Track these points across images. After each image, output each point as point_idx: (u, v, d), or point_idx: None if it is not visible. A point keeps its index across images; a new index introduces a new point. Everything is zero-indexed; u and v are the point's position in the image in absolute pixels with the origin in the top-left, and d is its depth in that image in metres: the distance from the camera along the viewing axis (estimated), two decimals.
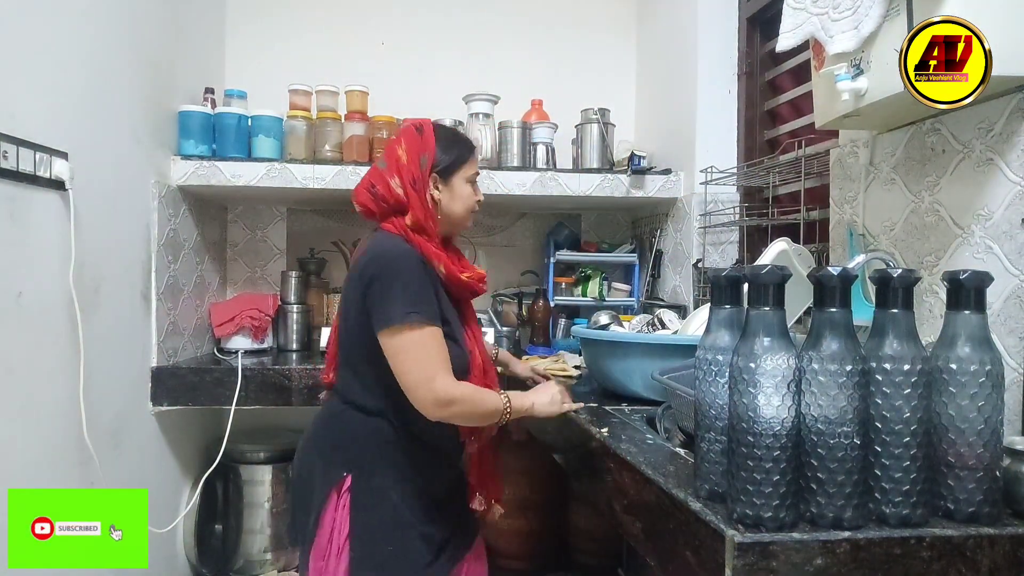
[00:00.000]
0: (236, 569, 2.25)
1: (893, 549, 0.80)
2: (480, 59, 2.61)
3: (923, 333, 1.27)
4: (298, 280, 2.35)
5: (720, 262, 2.11)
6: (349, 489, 1.23)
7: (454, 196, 1.33)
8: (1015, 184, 1.09)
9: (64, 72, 1.47)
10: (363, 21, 2.60)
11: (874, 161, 1.42)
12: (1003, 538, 0.83)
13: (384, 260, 1.21)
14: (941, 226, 1.23)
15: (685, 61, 2.26)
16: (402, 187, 1.27)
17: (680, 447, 1.20)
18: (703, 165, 2.09)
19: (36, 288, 1.37)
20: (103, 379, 1.61)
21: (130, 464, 1.77)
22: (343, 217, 2.62)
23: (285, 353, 2.28)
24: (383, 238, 1.28)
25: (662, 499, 0.99)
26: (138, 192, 1.85)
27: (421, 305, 1.19)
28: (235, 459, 2.23)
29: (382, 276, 1.20)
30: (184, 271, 2.12)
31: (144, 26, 1.84)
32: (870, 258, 1.30)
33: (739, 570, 0.78)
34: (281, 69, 2.40)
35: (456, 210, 1.33)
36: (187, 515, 2.09)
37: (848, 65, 1.16)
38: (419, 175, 1.28)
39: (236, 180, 2.07)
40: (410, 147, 1.30)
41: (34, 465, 1.37)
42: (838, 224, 1.54)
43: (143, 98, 1.86)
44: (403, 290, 1.18)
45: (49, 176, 1.39)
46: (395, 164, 1.29)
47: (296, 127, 2.17)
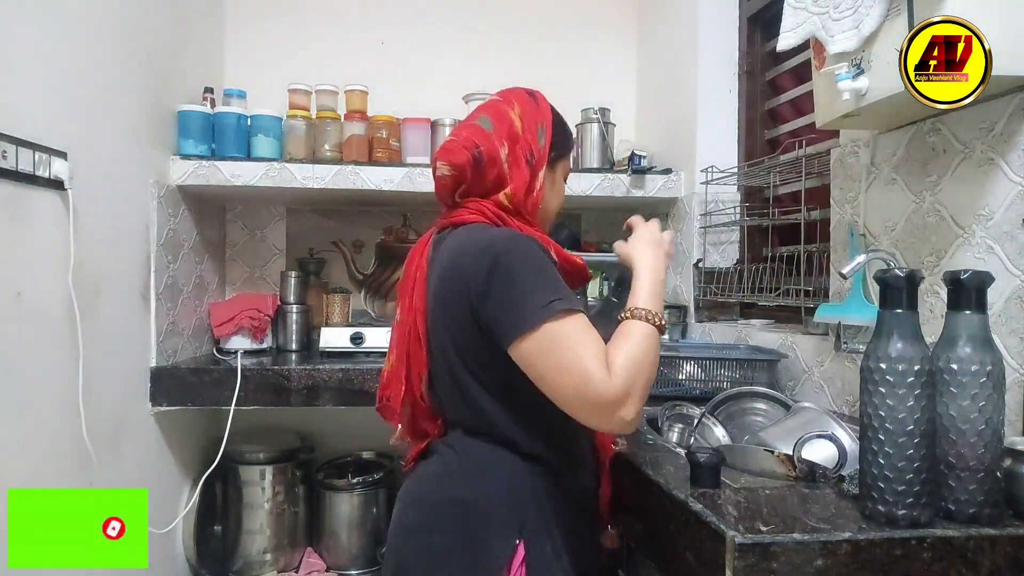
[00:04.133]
0: (235, 570, 2.25)
1: (894, 550, 0.80)
2: (480, 59, 2.61)
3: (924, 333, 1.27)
4: (297, 280, 2.35)
5: (720, 262, 2.11)
6: (524, 562, 0.92)
7: (554, 186, 1.10)
8: (1016, 184, 1.09)
9: (63, 72, 1.47)
10: (363, 21, 2.60)
11: (875, 161, 1.42)
12: (1004, 539, 0.83)
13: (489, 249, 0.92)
14: (942, 226, 1.23)
15: (685, 60, 2.25)
16: (509, 159, 1.02)
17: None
18: (703, 165, 2.09)
19: (35, 288, 1.36)
20: (102, 379, 1.61)
21: (129, 464, 1.77)
22: (343, 217, 2.61)
23: (284, 353, 2.28)
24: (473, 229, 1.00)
25: (662, 499, 0.99)
26: (137, 192, 1.84)
27: (559, 290, 0.91)
28: (234, 460, 2.23)
29: (498, 267, 0.90)
30: (183, 271, 2.12)
31: (143, 26, 1.84)
32: (871, 258, 1.30)
33: (740, 571, 0.78)
34: (281, 69, 2.40)
35: (551, 206, 1.10)
36: (186, 516, 2.09)
37: (849, 65, 1.16)
38: (538, 150, 1.04)
39: (235, 180, 2.06)
40: (526, 113, 1.05)
41: (33, 465, 1.37)
42: (839, 224, 1.54)
43: (142, 98, 1.85)
44: (535, 278, 0.91)
45: (48, 176, 1.39)
46: (506, 130, 1.03)
47: (296, 127, 2.17)
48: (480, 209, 1.02)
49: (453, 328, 0.96)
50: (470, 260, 0.94)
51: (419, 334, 1.01)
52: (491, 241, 0.94)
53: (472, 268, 0.93)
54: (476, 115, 1.08)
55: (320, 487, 2.36)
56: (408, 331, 1.03)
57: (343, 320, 2.35)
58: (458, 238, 1.01)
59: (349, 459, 2.50)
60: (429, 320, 1.01)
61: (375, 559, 2.29)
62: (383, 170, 2.13)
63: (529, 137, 1.03)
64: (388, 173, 2.13)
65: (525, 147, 1.03)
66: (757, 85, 2.12)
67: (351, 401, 1.93)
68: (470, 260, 0.94)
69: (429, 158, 2.19)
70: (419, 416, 1.07)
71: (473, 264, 0.93)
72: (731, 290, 1.96)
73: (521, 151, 1.02)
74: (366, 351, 2.12)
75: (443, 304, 0.98)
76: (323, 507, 2.35)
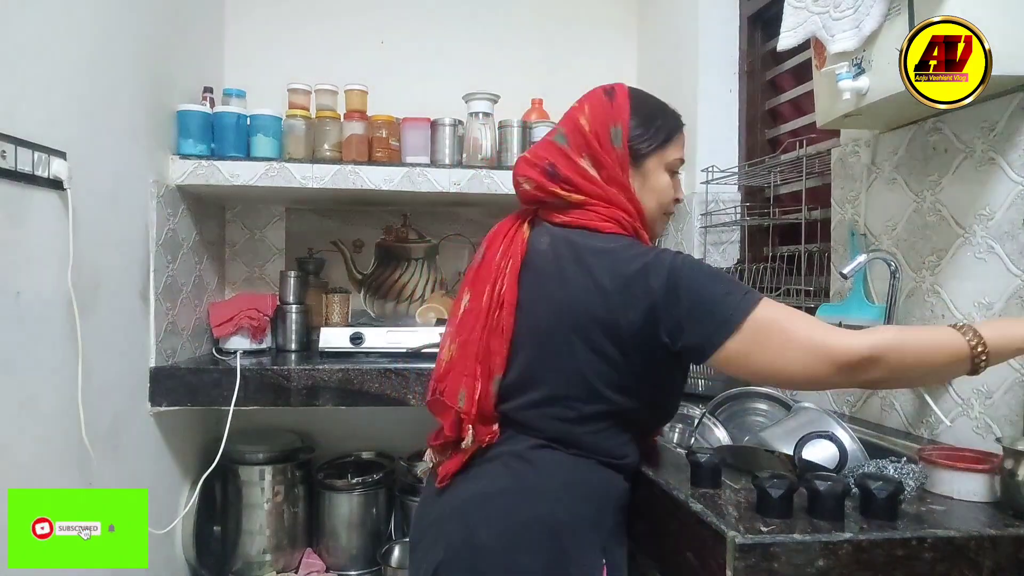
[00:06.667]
0: (235, 570, 2.25)
1: (895, 550, 0.80)
2: (480, 58, 2.61)
3: None
4: (297, 280, 2.35)
5: (721, 262, 2.11)
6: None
7: (646, 185, 1.01)
8: (1016, 184, 1.09)
9: (62, 71, 1.47)
10: (363, 20, 2.60)
11: (875, 160, 1.42)
12: (1006, 539, 0.82)
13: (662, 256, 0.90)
14: (943, 226, 1.23)
15: (686, 60, 2.25)
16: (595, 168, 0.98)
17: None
18: (704, 164, 2.09)
19: (34, 288, 1.36)
20: (101, 379, 1.60)
21: (128, 464, 1.76)
22: (342, 217, 2.61)
23: (284, 353, 2.27)
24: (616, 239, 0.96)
25: (663, 500, 0.98)
26: (136, 191, 1.84)
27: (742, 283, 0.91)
28: (234, 460, 2.23)
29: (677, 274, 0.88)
30: (182, 271, 2.11)
31: (143, 25, 1.84)
32: (871, 258, 1.30)
33: (740, 571, 0.78)
34: (280, 68, 2.39)
35: (649, 207, 1.02)
36: (186, 516, 2.09)
37: (849, 64, 1.16)
38: (612, 154, 0.98)
39: (235, 179, 2.06)
40: (595, 116, 0.99)
41: (33, 465, 1.36)
42: (839, 224, 1.54)
43: (141, 97, 1.85)
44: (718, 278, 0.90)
45: (47, 176, 1.39)
46: (580, 139, 0.99)
47: (295, 126, 2.17)
48: (615, 218, 0.97)
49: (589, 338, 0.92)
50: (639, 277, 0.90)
51: (502, 328, 0.95)
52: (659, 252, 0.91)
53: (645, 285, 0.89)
54: (555, 130, 1.04)
55: (320, 487, 2.36)
56: (484, 324, 0.96)
57: (343, 320, 2.35)
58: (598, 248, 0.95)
59: (349, 459, 2.50)
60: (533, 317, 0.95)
61: (375, 559, 2.29)
62: (383, 170, 2.13)
63: (599, 143, 0.98)
64: (388, 173, 2.12)
65: (598, 153, 0.98)
66: (757, 85, 2.11)
67: (351, 401, 1.92)
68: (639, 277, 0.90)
69: (429, 158, 2.19)
70: (478, 419, 0.97)
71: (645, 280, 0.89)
72: None
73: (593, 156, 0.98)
74: (366, 351, 2.12)
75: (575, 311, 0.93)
76: (323, 507, 2.34)
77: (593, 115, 0.99)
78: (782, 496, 0.86)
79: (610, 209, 0.98)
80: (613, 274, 0.91)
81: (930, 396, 1.25)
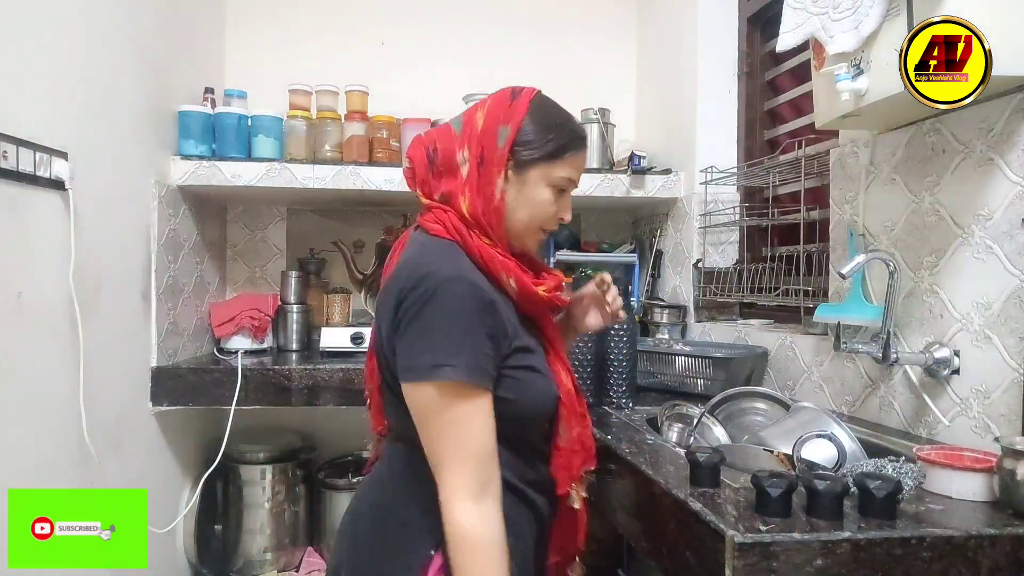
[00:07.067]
0: (236, 569, 2.25)
1: (894, 549, 0.80)
2: (480, 59, 2.61)
3: (924, 333, 1.28)
4: (298, 280, 2.35)
5: (720, 262, 2.11)
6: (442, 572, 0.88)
7: (521, 196, 0.97)
8: (1015, 184, 1.09)
9: (64, 72, 1.47)
10: (363, 21, 2.60)
11: (874, 161, 1.42)
12: (1004, 538, 0.83)
13: (423, 280, 0.87)
14: (941, 226, 1.23)
15: (685, 61, 2.26)
16: (468, 161, 0.95)
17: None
18: (703, 165, 2.09)
19: (36, 288, 1.36)
20: (103, 379, 1.61)
21: (130, 464, 1.77)
22: (343, 217, 2.62)
23: (285, 353, 2.28)
24: (428, 244, 0.95)
25: (663, 499, 0.99)
26: (138, 192, 1.85)
27: (462, 355, 0.85)
28: (235, 459, 2.23)
29: (417, 302, 0.86)
30: (184, 271, 2.12)
31: (144, 26, 1.84)
32: (870, 258, 1.30)
33: (739, 570, 0.78)
34: (281, 69, 2.40)
35: (517, 216, 0.97)
36: (187, 515, 2.09)
37: (848, 65, 1.16)
38: (493, 152, 0.95)
39: (236, 180, 2.07)
40: (492, 113, 0.97)
41: (34, 465, 1.37)
42: (838, 224, 1.54)
43: (143, 98, 1.85)
44: (442, 331, 0.86)
45: (49, 176, 1.39)
46: (469, 130, 0.97)
47: (296, 127, 2.17)
48: (442, 220, 0.96)
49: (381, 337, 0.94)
50: (398, 273, 0.92)
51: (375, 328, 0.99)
52: (423, 268, 0.89)
53: (395, 282, 0.91)
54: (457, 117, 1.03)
55: (320, 487, 2.36)
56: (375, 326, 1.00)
57: (343, 320, 2.36)
58: (409, 245, 0.99)
59: (349, 459, 2.50)
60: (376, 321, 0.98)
61: None
62: (383, 170, 2.13)
63: (486, 138, 0.95)
64: (388, 173, 2.13)
65: (478, 148, 0.95)
66: (757, 85, 2.12)
67: (351, 401, 1.93)
68: (398, 273, 0.92)
69: None
70: (375, 412, 1.06)
71: (396, 279, 0.91)
72: (730, 290, 1.96)
73: (475, 152, 0.95)
74: (366, 351, 2.12)
75: (379, 314, 0.95)
76: (323, 506, 2.35)
77: (490, 111, 0.97)
78: (781, 495, 0.86)
79: (443, 213, 0.96)
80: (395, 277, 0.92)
81: (928, 395, 1.25)
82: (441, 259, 0.91)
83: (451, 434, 0.85)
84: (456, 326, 0.86)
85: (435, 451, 0.87)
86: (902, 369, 1.32)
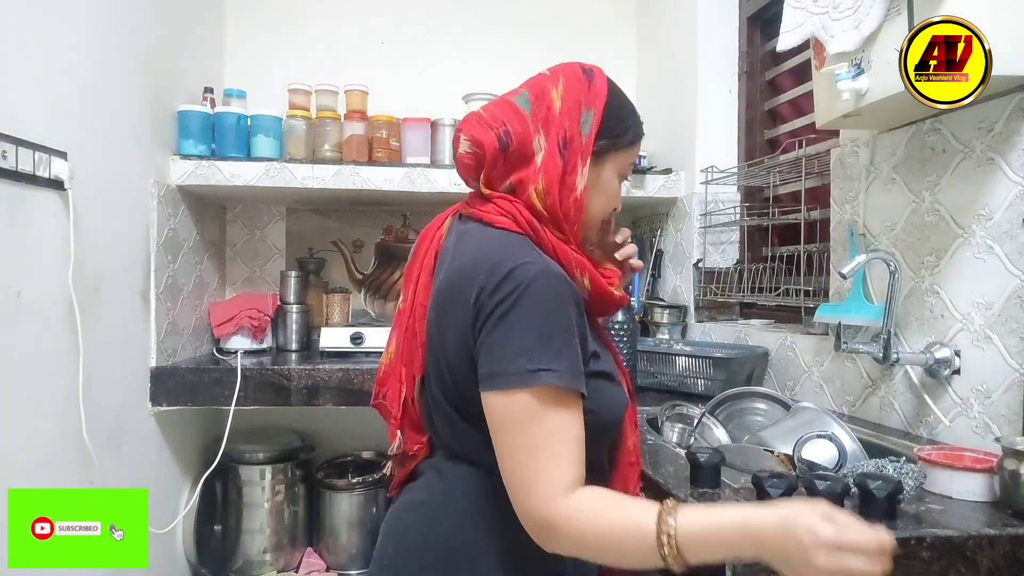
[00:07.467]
0: (235, 569, 2.25)
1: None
2: (480, 59, 2.61)
3: (924, 333, 1.28)
4: (297, 280, 2.35)
5: (721, 262, 2.11)
6: None
7: (598, 184, 0.89)
8: (1015, 184, 1.09)
9: (63, 71, 1.47)
10: (363, 21, 2.60)
11: (875, 161, 1.42)
12: (1003, 539, 0.83)
13: (511, 275, 0.76)
14: (941, 226, 1.23)
15: (685, 61, 2.25)
16: (544, 148, 0.84)
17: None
18: (703, 165, 2.09)
19: (35, 288, 1.36)
20: (102, 379, 1.61)
21: (129, 464, 1.77)
22: (342, 217, 2.61)
23: (284, 353, 2.28)
24: (498, 238, 0.83)
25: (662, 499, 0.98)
26: (137, 192, 1.84)
27: (562, 360, 0.74)
28: (234, 459, 2.23)
29: (506, 300, 0.75)
30: (183, 271, 2.12)
31: (143, 25, 1.84)
32: (870, 258, 1.30)
33: (740, 570, 0.78)
34: (280, 68, 2.40)
35: (592, 209, 0.89)
36: (186, 515, 2.09)
37: (849, 64, 1.16)
38: (578, 138, 0.85)
39: (235, 180, 2.06)
40: (569, 94, 0.87)
41: (34, 465, 1.37)
42: (839, 224, 1.54)
43: (142, 97, 1.85)
44: (537, 331, 0.74)
45: (48, 176, 1.39)
46: (544, 112, 0.86)
47: (295, 127, 2.17)
48: (511, 212, 0.84)
49: (441, 342, 0.83)
50: (477, 280, 0.78)
51: (415, 332, 0.88)
52: (513, 268, 0.76)
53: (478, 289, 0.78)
54: (517, 91, 0.91)
55: (320, 487, 2.36)
56: (407, 326, 0.90)
57: (343, 320, 2.35)
58: (478, 242, 0.84)
59: (349, 459, 2.50)
60: (429, 320, 0.86)
61: None
62: (383, 170, 2.13)
63: (568, 122, 0.85)
64: (388, 173, 2.13)
65: (561, 133, 0.84)
66: (757, 85, 2.12)
67: (351, 401, 1.93)
68: (477, 280, 0.78)
69: (429, 158, 2.19)
70: (407, 426, 0.92)
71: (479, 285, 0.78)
72: (731, 290, 1.96)
73: (556, 138, 0.84)
74: (366, 351, 2.12)
75: (442, 314, 0.83)
76: (323, 507, 2.35)
77: (568, 91, 0.87)
78: (781, 495, 0.86)
79: (511, 204, 0.85)
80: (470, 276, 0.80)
81: (929, 396, 1.25)
82: (523, 254, 0.79)
83: (548, 446, 0.73)
84: (554, 325, 0.75)
85: (524, 465, 0.73)
86: (903, 369, 1.32)
